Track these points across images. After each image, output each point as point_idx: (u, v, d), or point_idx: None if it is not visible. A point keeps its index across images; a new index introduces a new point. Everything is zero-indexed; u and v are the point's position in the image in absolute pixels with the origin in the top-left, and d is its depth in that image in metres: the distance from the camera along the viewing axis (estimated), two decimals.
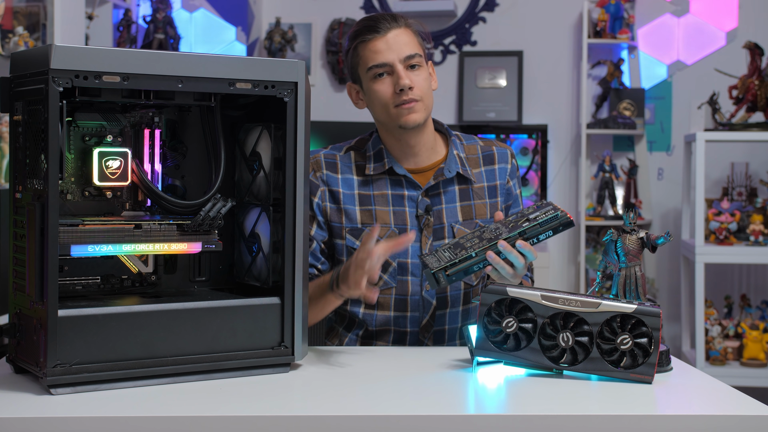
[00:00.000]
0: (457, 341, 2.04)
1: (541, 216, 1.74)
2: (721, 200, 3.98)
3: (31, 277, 1.45)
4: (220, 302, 1.59)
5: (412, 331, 2.00)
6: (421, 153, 2.02)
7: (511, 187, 2.08)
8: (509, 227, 1.75)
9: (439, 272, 1.73)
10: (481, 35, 4.83)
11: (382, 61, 1.92)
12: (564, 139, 4.77)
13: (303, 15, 4.90)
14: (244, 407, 1.39)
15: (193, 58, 1.53)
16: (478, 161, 2.06)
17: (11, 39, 3.03)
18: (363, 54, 1.94)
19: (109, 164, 1.59)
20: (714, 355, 3.93)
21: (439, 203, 2.01)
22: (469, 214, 2.02)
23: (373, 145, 2.03)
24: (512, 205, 2.09)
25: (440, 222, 2.00)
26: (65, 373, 1.43)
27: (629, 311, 1.55)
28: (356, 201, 2.00)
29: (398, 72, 1.91)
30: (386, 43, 1.92)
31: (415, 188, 2.00)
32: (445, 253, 1.77)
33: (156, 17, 4.18)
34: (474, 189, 2.03)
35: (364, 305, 2.01)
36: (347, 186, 2.01)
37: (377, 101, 1.95)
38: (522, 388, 1.53)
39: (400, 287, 1.98)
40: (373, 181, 2.01)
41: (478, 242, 1.75)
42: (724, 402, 1.48)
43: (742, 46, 3.91)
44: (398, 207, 2.00)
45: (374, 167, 2.00)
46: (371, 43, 1.93)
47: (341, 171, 2.02)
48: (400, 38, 1.93)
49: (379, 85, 1.94)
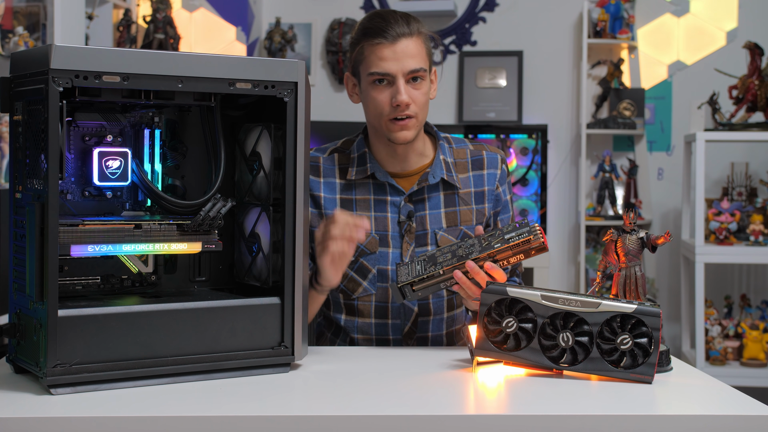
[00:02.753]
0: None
1: (514, 238, 1.70)
2: (721, 200, 3.98)
3: (31, 277, 1.45)
4: (220, 302, 1.59)
5: (395, 338, 1.98)
6: (409, 158, 1.98)
7: (500, 193, 2.04)
8: (483, 245, 1.72)
9: (405, 287, 1.72)
10: (481, 35, 4.83)
11: (385, 70, 1.87)
12: (564, 139, 4.76)
13: (303, 15, 4.90)
14: (244, 407, 1.39)
15: (193, 58, 1.53)
16: (467, 166, 2.03)
17: (11, 39, 3.03)
18: (368, 55, 1.89)
19: (109, 164, 1.59)
20: (714, 355, 3.93)
21: (422, 209, 1.98)
22: (453, 221, 1.99)
23: (357, 148, 2.00)
24: (501, 211, 2.05)
25: (423, 228, 1.97)
26: (65, 373, 1.43)
27: (629, 311, 1.55)
28: (338, 205, 1.97)
29: (398, 86, 1.86)
30: (393, 53, 1.86)
31: (398, 193, 1.97)
32: (417, 266, 1.75)
33: (156, 17, 4.18)
34: (460, 195, 2.00)
35: (345, 312, 1.99)
36: (329, 190, 1.98)
37: (372, 107, 1.91)
38: (522, 388, 1.53)
39: (380, 294, 1.96)
40: (355, 185, 1.98)
41: (450, 258, 1.73)
42: (724, 402, 1.48)
43: (742, 46, 3.91)
44: (380, 212, 1.97)
45: (356, 171, 1.97)
46: (378, 48, 1.87)
47: (324, 174, 1.99)
48: (408, 49, 1.87)
49: (376, 93, 1.89)
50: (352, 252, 1.75)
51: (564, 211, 4.76)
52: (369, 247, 1.95)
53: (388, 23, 1.88)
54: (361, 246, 1.94)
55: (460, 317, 2.04)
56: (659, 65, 4.73)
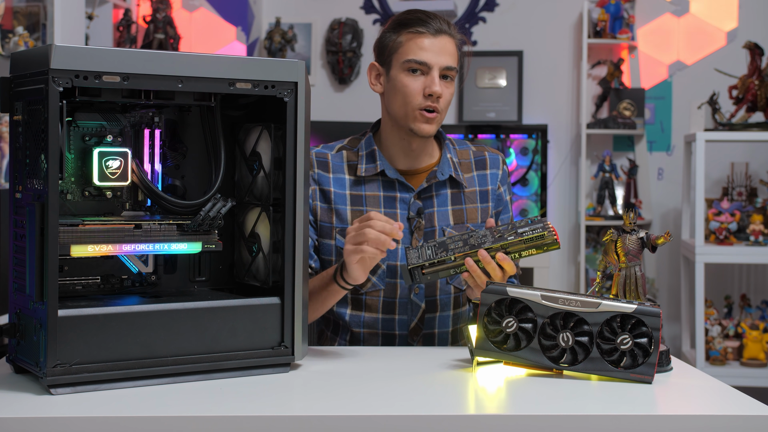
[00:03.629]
0: (448, 345, 2.02)
1: (528, 233, 1.71)
2: (721, 200, 3.98)
3: (31, 277, 1.45)
4: (220, 302, 1.59)
5: (401, 334, 1.99)
6: (419, 155, 2.01)
7: (502, 193, 2.07)
8: (495, 237, 1.73)
9: (416, 269, 1.73)
10: (481, 35, 4.83)
11: (424, 59, 1.90)
12: (564, 139, 4.77)
13: (303, 15, 4.90)
14: (244, 407, 1.39)
15: (193, 58, 1.53)
16: (471, 166, 2.05)
17: (11, 39, 3.03)
18: (407, 44, 1.91)
19: (109, 164, 1.59)
20: (714, 355, 3.93)
21: (430, 206, 2.00)
22: (460, 218, 2.01)
23: (366, 146, 2.02)
24: (502, 211, 2.08)
25: (431, 225, 1.99)
26: (65, 373, 1.43)
27: (629, 311, 1.55)
28: (348, 201, 1.98)
29: (434, 77, 1.90)
30: (433, 45, 1.90)
31: (408, 190, 1.99)
32: (428, 250, 1.76)
33: (156, 17, 4.18)
34: (466, 193, 2.03)
35: (350, 306, 1.99)
36: (339, 185, 1.99)
37: (401, 94, 1.92)
38: (522, 388, 1.53)
39: (388, 290, 1.97)
40: (365, 181, 2.00)
41: (461, 246, 1.74)
42: (724, 402, 1.48)
43: (742, 46, 3.91)
44: (390, 209, 1.99)
45: (366, 169, 1.99)
46: (420, 38, 1.90)
47: (333, 170, 2.00)
48: (448, 47, 1.92)
49: (410, 80, 1.91)
50: (383, 256, 1.72)
51: (564, 211, 4.77)
52: None
53: (430, 18, 1.93)
54: None
55: (465, 315, 2.05)
56: (659, 65, 4.73)
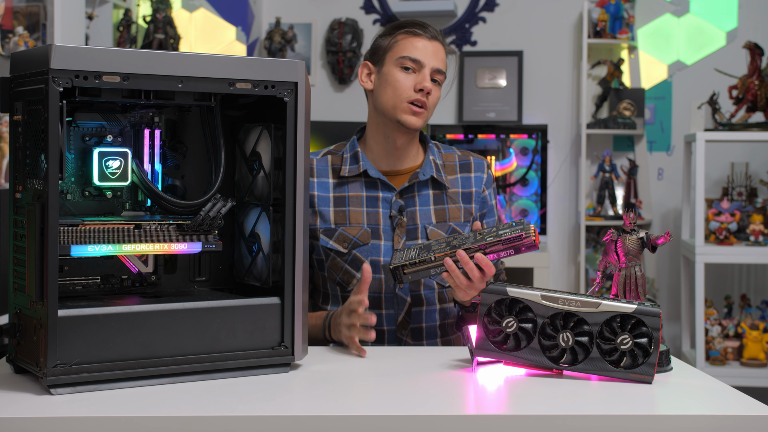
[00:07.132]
0: (437, 339, 2.05)
1: (507, 233, 1.73)
2: (721, 200, 3.98)
3: (31, 277, 1.45)
4: (220, 302, 1.59)
5: (390, 329, 2.03)
6: (403, 156, 2.08)
7: (487, 197, 2.14)
8: (477, 238, 1.76)
9: (397, 269, 1.75)
10: (481, 35, 4.83)
11: (419, 57, 2.00)
12: (564, 139, 4.76)
13: (303, 15, 4.90)
14: (244, 407, 1.39)
15: (193, 58, 1.53)
16: (455, 168, 2.13)
17: (11, 39, 3.03)
18: (402, 43, 2.02)
19: (109, 164, 1.59)
20: (714, 355, 3.93)
21: (413, 205, 2.06)
22: (443, 217, 2.07)
23: (350, 148, 2.10)
24: (487, 214, 2.14)
25: (414, 223, 2.05)
26: (65, 373, 1.43)
27: (629, 311, 1.55)
28: (331, 203, 2.05)
29: (425, 74, 2.00)
30: (429, 47, 2.02)
31: (390, 190, 2.06)
32: (412, 252, 1.80)
33: (156, 17, 4.18)
34: (448, 194, 2.10)
35: (340, 304, 2.04)
36: (322, 189, 2.06)
37: (391, 88, 2.01)
38: (522, 388, 1.53)
39: (373, 285, 2.01)
40: (348, 182, 2.07)
41: (444, 246, 1.77)
42: (724, 402, 1.48)
43: (742, 46, 3.91)
44: (372, 208, 2.05)
45: (349, 169, 2.06)
46: (417, 39, 2.02)
47: (317, 175, 2.07)
48: (440, 52, 2.04)
49: (402, 75, 2.00)
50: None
51: (564, 211, 4.76)
52: (361, 238, 2.02)
53: (427, 25, 2.06)
54: (353, 238, 2.02)
55: (452, 311, 2.08)
56: (659, 65, 4.73)
